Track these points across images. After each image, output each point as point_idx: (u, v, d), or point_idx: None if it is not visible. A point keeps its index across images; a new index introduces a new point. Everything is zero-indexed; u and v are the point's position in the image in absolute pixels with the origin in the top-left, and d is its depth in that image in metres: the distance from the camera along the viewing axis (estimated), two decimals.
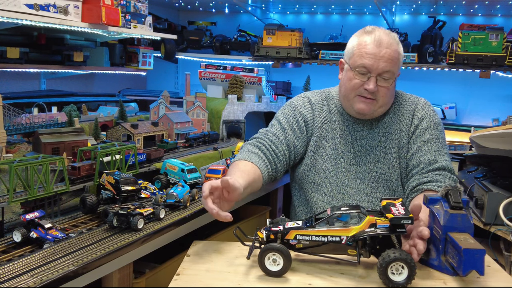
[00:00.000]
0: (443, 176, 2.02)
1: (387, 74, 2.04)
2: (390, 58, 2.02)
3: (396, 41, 2.08)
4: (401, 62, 2.11)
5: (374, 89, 2.04)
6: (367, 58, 2.03)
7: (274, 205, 2.98)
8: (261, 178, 2.02)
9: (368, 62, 2.03)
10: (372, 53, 2.03)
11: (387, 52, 2.02)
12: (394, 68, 2.05)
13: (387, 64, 2.02)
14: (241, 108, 3.44)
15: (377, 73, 2.03)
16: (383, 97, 2.08)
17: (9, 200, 1.66)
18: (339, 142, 2.20)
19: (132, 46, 4.09)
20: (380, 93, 2.07)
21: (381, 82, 2.05)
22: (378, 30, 2.09)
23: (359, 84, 2.07)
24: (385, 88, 2.06)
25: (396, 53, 2.05)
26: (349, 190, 2.17)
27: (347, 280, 1.48)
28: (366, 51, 2.04)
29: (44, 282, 1.33)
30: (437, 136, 2.15)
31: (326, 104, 2.28)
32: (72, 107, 2.89)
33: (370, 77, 2.04)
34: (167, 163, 2.35)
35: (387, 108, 2.18)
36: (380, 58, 2.02)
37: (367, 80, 2.05)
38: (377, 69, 2.02)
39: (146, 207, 1.86)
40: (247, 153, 2.08)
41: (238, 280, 1.47)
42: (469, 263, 1.37)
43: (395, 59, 2.04)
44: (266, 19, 4.86)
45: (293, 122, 2.24)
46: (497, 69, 3.49)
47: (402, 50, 2.11)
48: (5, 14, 2.29)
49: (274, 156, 2.13)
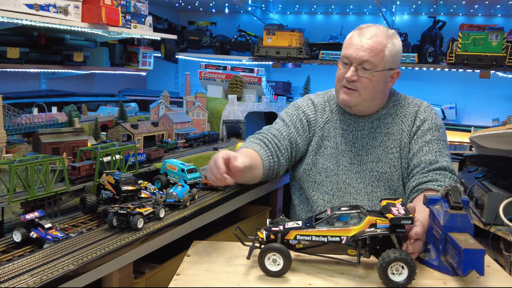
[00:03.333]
0: (443, 176, 2.02)
1: (366, 64, 2.05)
2: (369, 48, 2.04)
3: (386, 35, 2.08)
4: (390, 56, 2.07)
5: (352, 78, 2.06)
6: (349, 48, 2.09)
7: (274, 205, 2.97)
8: (262, 166, 2.06)
9: (348, 51, 2.08)
10: (354, 44, 2.08)
11: (367, 42, 2.05)
12: (375, 59, 2.04)
13: (366, 53, 2.04)
14: (241, 108, 3.44)
15: (356, 62, 2.06)
16: (364, 88, 2.08)
17: (9, 200, 1.66)
18: (340, 141, 2.21)
19: (132, 46, 4.09)
20: (361, 84, 2.08)
21: (361, 72, 2.07)
22: (372, 25, 2.12)
23: (342, 74, 2.11)
24: (365, 79, 2.06)
25: (379, 45, 2.05)
26: (349, 188, 2.17)
27: (347, 280, 1.48)
28: (350, 42, 2.10)
29: (44, 282, 1.33)
30: (439, 138, 2.15)
31: (328, 105, 2.30)
32: (72, 107, 2.89)
33: (350, 66, 2.07)
34: (167, 163, 2.35)
35: (375, 102, 2.17)
36: (360, 48, 2.05)
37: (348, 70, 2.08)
38: (356, 58, 2.05)
39: (146, 206, 1.86)
40: (249, 143, 2.15)
41: (238, 280, 1.47)
42: (469, 263, 1.37)
43: (376, 50, 2.04)
44: (266, 19, 4.86)
45: (296, 121, 2.27)
46: (497, 69, 3.48)
47: (394, 45, 2.09)
48: (5, 14, 2.29)
49: (276, 149, 2.16)
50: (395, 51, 2.10)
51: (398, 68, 2.17)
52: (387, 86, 2.16)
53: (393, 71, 2.14)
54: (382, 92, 2.16)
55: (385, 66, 2.08)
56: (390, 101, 2.24)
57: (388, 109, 2.22)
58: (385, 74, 2.10)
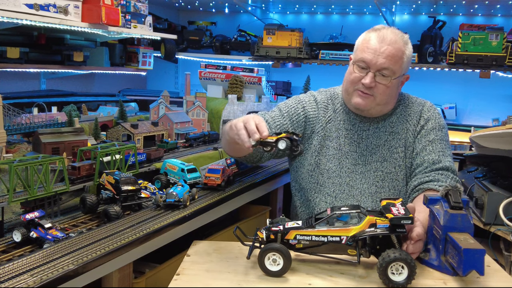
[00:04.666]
0: (445, 176, 2.02)
1: (386, 71, 2.02)
2: (390, 55, 2.00)
3: (403, 41, 2.05)
4: (406, 62, 2.07)
5: (370, 85, 2.02)
6: (367, 52, 2.03)
7: (274, 205, 2.97)
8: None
9: (367, 56, 2.02)
10: (373, 48, 2.02)
11: (388, 49, 2.00)
12: (395, 66, 2.02)
13: (386, 60, 2.00)
14: (241, 108, 3.44)
15: (375, 69, 2.02)
16: (381, 94, 2.06)
17: (9, 200, 1.66)
18: (343, 142, 2.19)
19: (132, 46, 4.09)
20: (378, 90, 2.05)
21: (380, 78, 2.03)
22: (387, 28, 2.07)
23: (358, 78, 2.06)
24: (383, 85, 2.04)
25: (399, 52, 2.03)
26: (353, 190, 2.15)
27: (347, 280, 1.48)
28: (368, 46, 2.04)
29: (44, 282, 1.33)
30: (442, 138, 2.15)
31: (331, 103, 2.27)
32: (72, 107, 2.89)
33: (368, 72, 2.03)
34: (167, 163, 2.35)
35: (387, 107, 2.16)
36: (380, 54, 2.00)
37: (365, 75, 2.04)
38: (376, 64, 2.01)
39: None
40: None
41: (238, 280, 1.47)
42: (469, 263, 1.37)
43: (396, 57, 2.02)
44: (266, 19, 4.86)
45: (293, 114, 2.24)
46: (497, 69, 3.49)
47: (410, 51, 2.08)
48: (5, 14, 2.29)
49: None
50: (410, 57, 2.10)
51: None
52: (399, 90, 2.17)
53: (405, 76, 2.13)
54: (394, 97, 2.16)
55: (402, 73, 2.07)
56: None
57: (393, 109, 2.20)
58: (399, 80, 2.10)
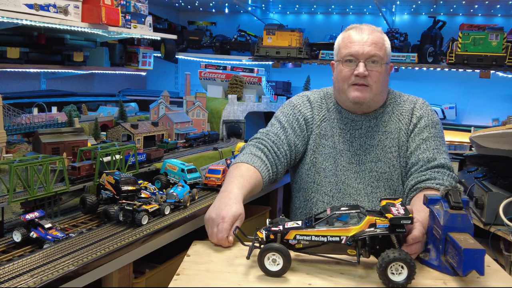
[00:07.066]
0: (441, 173, 2.02)
1: (375, 58, 2.08)
2: (374, 43, 2.09)
3: (379, 31, 2.16)
4: (388, 50, 2.16)
5: (364, 73, 2.07)
6: (352, 46, 2.10)
7: (274, 205, 2.97)
8: (262, 183, 2.04)
9: (354, 48, 2.09)
10: (356, 41, 2.10)
11: (370, 37, 2.10)
12: (381, 52, 2.09)
13: (372, 47, 2.08)
14: (241, 108, 3.44)
15: (364, 57, 2.08)
16: (375, 82, 2.10)
17: (9, 200, 1.66)
18: (338, 141, 2.21)
19: (132, 46, 4.09)
20: (372, 78, 2.09)
21: (371, 66, 2.09)
22: (361, 24, 2.18)
23: (350, 73, 2.11)
24: (376, 72, 2.09)
25: (381, 39, 2.12)
26: (349, 189, 2.17)
27: (347, 280, 1.48)
28: (351, 41, 2.12)
29: (44, 282, 1.33)
30: (436, 135, 2.15)
31: (324, 103, 2.30)
32: (72, 107, 2.89)
33: (358, 63, 2.08)
34: (167, 163, 2.35)
35: (382, 97, 2.19)
36: (365, 43, 2.08)
37: (356, 67, 2.09)
38: (364, 53, 2.07)
39: (152, 203, 1.89)
40: (249, 155, 2.08)
41: (238, 280, 1.47)
42: (469, 263, 1.37)
43: (379, 43, 2.10)
44: (266, 19, 4.86)
45: (293, 121, 2.25)
46: (497, 69, 3.48)
47: (387, 41, 2.17)
48: (5, 14, 2.29)
49: (276, 158, 2.14)
50: (389, 46, 2.19)
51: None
52: (387, 80, 2.21)
53: (390, 64, 2.21)
54: (386, 86, 2.21)
55: (387, 59, 2.15)
56: (387, 99, 2.25)
57: (385, 107, 2.23)
58: (387, 68, 2.16)
